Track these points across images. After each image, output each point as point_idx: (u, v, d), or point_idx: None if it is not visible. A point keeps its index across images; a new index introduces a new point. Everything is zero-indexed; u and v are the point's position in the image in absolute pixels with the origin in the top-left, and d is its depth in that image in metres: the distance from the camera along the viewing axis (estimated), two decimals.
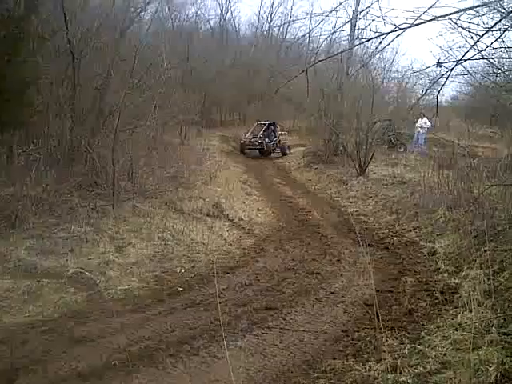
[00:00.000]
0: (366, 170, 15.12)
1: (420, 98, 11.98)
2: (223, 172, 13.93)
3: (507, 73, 8.51)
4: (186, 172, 11.62)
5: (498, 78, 9.49)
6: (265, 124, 21.59)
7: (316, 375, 4.21)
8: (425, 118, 18.41)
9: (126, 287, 6.14)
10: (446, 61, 4.92)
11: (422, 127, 18.45)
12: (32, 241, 6.82)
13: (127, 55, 11.06)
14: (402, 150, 18.05)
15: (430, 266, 7.43)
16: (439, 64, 4.65)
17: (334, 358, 4.55)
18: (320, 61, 5.24)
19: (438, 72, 4.81)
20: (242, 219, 10.16)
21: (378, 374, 4.01)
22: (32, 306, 5.35)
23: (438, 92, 5.21)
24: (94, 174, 9.23)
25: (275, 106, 25.69)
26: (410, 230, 9.65)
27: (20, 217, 7.32)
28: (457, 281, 6.41)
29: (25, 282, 5.76)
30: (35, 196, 7.93)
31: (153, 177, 10.48)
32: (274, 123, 21.92)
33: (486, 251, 6.68)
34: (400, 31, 3.91)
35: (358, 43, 11.24)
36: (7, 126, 8.35)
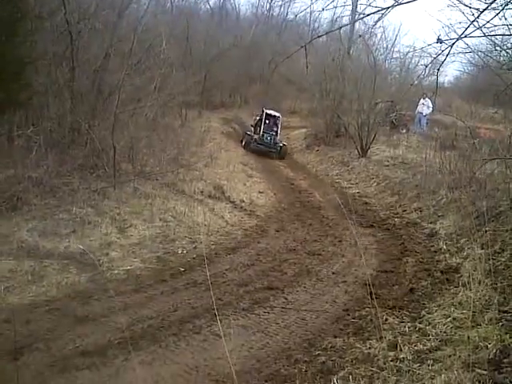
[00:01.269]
0: (368, 152, 15.09)
1: (420, 74, 11.90)
2: (224, 154, 13.91)
3: (509, 51, 8.41)
4: (186, 154, 11.59)
5: (502, 58, 9.40)
6: (274, 116, 18.26)
7: (317, 353, 4.26)
8: (427, 99, 18.29)
9: (129, 268, 6.17)
10: (447, 38, 4.87)
11: (424, 109, 18.33)
12: (34, 222, 6.83)
13: (126, 36, 10.93)
14: (404, 131, 17.97)
15: (432, 246, 7.47)
16: (439, 40, 4.61)
17: (335, 337, 4.60)
18: (319, 36, 5.22)
19: (438, 49, 4.76)
20: (243, 201, 10.17)
21: (379, 351, 4.05)
22: (35, 286, 5.37)
23: (438, 69, 5.17)
24: (95, 155, 9.19)
25: (276, 87, 25.47)
26: (412, 211, 9.67)
27: (21, 198, 7.31)
28: (458, 261, 6.44)
29: (28, 263, 5.78)
30: (36, 178, 7.90)
31: (153, 158, 10.45)
32: (279, 116, 18.56)
33: (486, 231, 6.70)
34: (400, 5, 3.87)
35: (358, 18, 11.11)
36: (6, 107, 8.29)
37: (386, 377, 3.56)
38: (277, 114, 18.35)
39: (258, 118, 18.37)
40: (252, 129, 18.28)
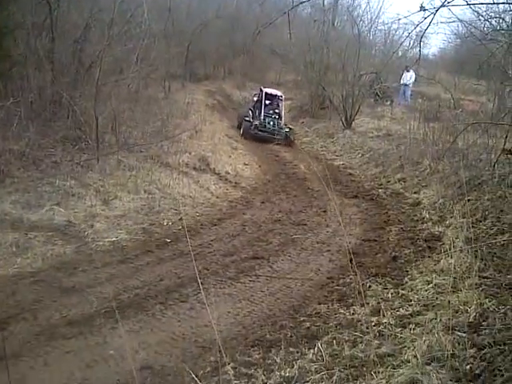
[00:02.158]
0: (353, 124, 15.12)
1: (403, 42, 11.85)
2: (208, 126, 13.79)
3: (492, 20, 8.42)
4: (170, 126, 11.47)
5: (485, 28, 9.40)
6: (275, 96, 15.80)
7: (302, 319, 4.34)
8: (411, 71, 18.28)
9: (114, 239, 6.16)
10: (431, 6, 4.86)
11: (407, 80, 18.35)
12: (17, 195, 6.75)
13: (106, 6, 10.66)
14: (388, 103, 17.99)
15: (415, 215, 7.58)
16: (422, 8, 4.61)
17: (320, 303, 4.68)
18: (302, 2, 5.15)
19: (422, 18, 4.76)
20: (228, 173, 10.15)
21: (362, 316, 4.14)
22: (20, 258, 5.34)
23: (422, 37, 5.18)
24: (77, 128, 9.05)
25: (260, 58, 25.20)
26: (396, 182, 9.78)
27: (4, 171, 7.20)
28: (440, 229, 6.56)
29: (12, 235, 5.73)
30: (18, 150, 7.78)
31: (137, 131, 10.33)
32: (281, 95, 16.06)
33: (468, 201, 6.82)
34: None
35: None
36: None
37: (369, 341, 3.64)
38: (278, 93, 15.94)
39: (256, 98, 15.98)
40: (250, 113, 15.35)
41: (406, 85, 18.52)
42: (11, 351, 3.60)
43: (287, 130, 14.76)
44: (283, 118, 15.40)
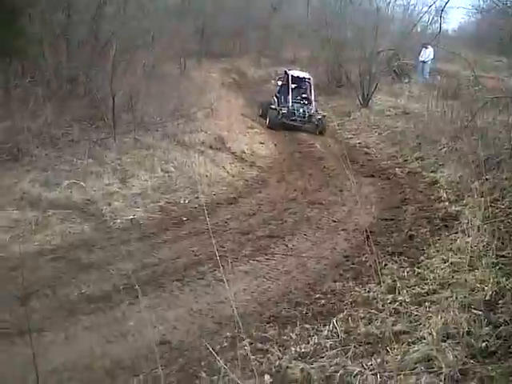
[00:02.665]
0: (370, 102, 14.92)
1: (423, 16, 11.58)
2: (224, 104, 13.71)
3: None
4: (186, 104, 11.44)
5: (508, 1, 9.14)
6: (303, 79, 13.94)
7: (317, 296, 4.37)
8: (429, 48, 17.92)
9: (132, 217, 6.24)
10: None
11: (425, 57, 18.00)
12: (36, 173, 6.84)
13: None
14: (406, 80, 17.70)
15: (432, 195, 7.51)
16: None
17: (335, 281, 4.71)
18: None
19: None
20: (244, 152, 10.14)
21: (378, 294, 4.15)
22: (40, 235, 5.45)
23: (442, 9, 5.04)
24: (94, 106, 9.10)
25: (276, 35, 24.84)
26: (413, 161, 9.68)
27: (22, 150, 7.29)
28: (457, 208, 6.49)
29: (31, 213, 5.84)
30: (35, 129, 7.86)
31: (153, 109, 10.33)
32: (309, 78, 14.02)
33: (487, 180, 6.73)
34: None
35: None
36: (0, 56, 8.13)
37: (384, 318, 3.66)
38: (306, 76, 14.07)
39: (280, 83, 14.31)
40: (275, 100, 13.72)
41: (424, 62, 18.17)
42: (33, 326, 3.68)
43: (319, 117, 12.92)
44: (314, 104, 13.40)
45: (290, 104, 13.04)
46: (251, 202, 7.38)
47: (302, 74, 14.19)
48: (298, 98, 13.46)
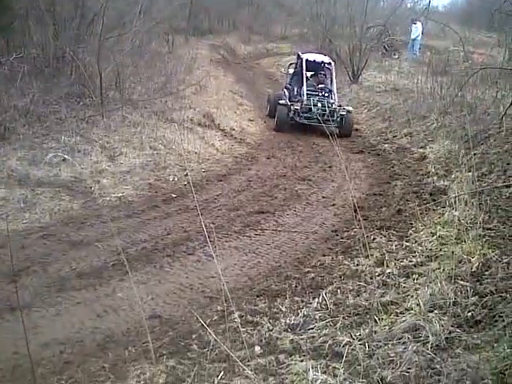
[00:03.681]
0: (360, 78, 14.88)
1: None
2: (213, 82, 13.62)
3: None
4: (174, 81, 11.33)
5: None
6: (321, 64, 11.33)
7: (306, 270, 4.40)
8: (417, 23, 17.85)
9: (121, 194, 6.21)
10: None
11: (413, 33, 17.95)
12: (23, 151, 6.77)
13: None
14: (396, 56, 17.66)
15: (420, 170, 7.55)
16: None
17: (324, 255, 4.74)
18: None
19: None
20: (233, 129, 10.10)
21: (366, 267, 4.19)
22: (28, 213, 5.41)
23: None
24: (81, 83, 8.98)
25: (266, 11, 24.59)
26: (402, 137, 9.71)
27: (9, 128, 7.20)
28: (446, 183, 6.54)
29: (19, 191, 5.79)
30: (22, 107, 7.75)
31: (141, 86, 10.24)
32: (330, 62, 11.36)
33: (475, 155, 6.77)
34: None
35: None
36: None
37: (373, 290, 3.70)
38: (325, 59, 11.42)
39: (292, 70, 11.87)
40: (285, 92, 11.22)
41: (414, 39, 18.12)
42: (23, 302, 3.69)
43: (343, 112, 10.27)
44: (336, 95, 11.00)
45: (305, 97, 10.37)
46: (241, 178, 7.38)
47: (319, 58, 11.42)
48: (316, 88, 10.81)
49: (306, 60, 11.02)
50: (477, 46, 18.33)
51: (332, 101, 10.57)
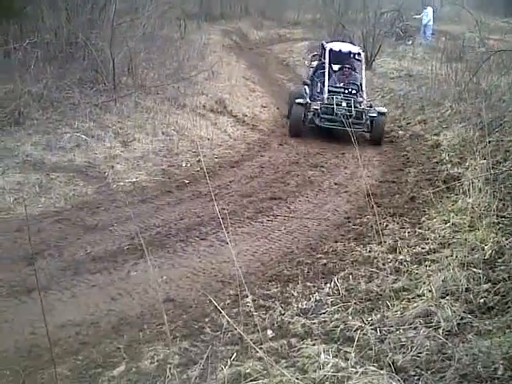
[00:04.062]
0: (373, 64, 14.72)
1: None
2: (225, 68, 13.55)
3: None
4: (186, 67, 11.31)
5: None
6: (349, 54, 9.72)
7: (319, 256, 4.43)
8: (428, 8, 17.60)
9: (134, 180, 6.27)
10: None
11: (424, 18, 17.70)
12: (38, 136, 6.83)
13: None
14: (410, 42, 17.44)
15: (434, 157, 7.50)
16: None
17: (336, 242, 4.76)
18: None
19: None
20: (245, 115, 10.08)
21: (378, 254, 4.20)
22: (44, 198, 5.49)
23: None
24: (94, 69, 9.00)
25: None
26: (416, 124, 9.61)
27: (23, 113, 7.25)
28: (459, 170, 6.50)
29: (35, 176, 5.87)
30: (36, 92, 7.79)
31: (153, 72, 10.22)
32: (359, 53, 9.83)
33: (490, 142, 6.69)
34: None
35: None
36: None
37: (385, 276, 3.72)
38: (353, 49, 9.84)
39: (315, 63, 10.31)
40: (305, 90, 9.62)
41: (425, 25, 17.87)
42: (40, 285, 3.76)
43: (373, 114, 8.70)
44: (365, 93, 9.40)
45: (326, 95, 8.87)
46: (253, 164, 7.39)
47: (346, 47, 9.83)
48: (341, 84, 9.25)
49: (330, 50, 9.44)
50: (493, 31, 18.00)
51: (361, 99, 8.99)
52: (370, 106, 9.08)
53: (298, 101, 8.95)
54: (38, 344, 3.12)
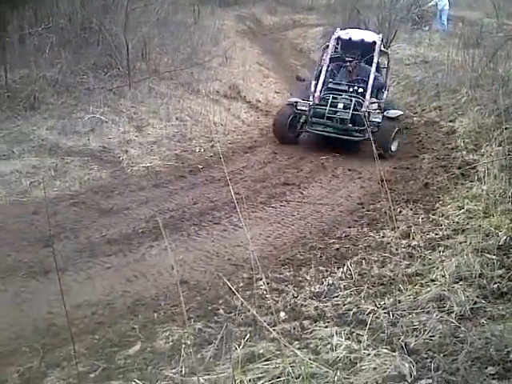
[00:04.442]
0: (388, 50, 14.54)
1: None
2: (239, 53, 13.49)
3: None
4: (200, 53, 11.29)
5: None
6: (365, 45, 8.04)
7: (332, 241, 4.44)
8: None
9: (148, 164, 6.32)
10: None
11: (440, 4, 17.37)
12: (53, 121, 6.90)
13: None
14: (426, 28, 17.16)
15: (449, 144, 7.43)
16: None
17: (349, 227, 4.77)
18: None
19: None
20: (259, 101, 10.06)
21: (392, 239, 4.19)
22: (59, 181, 5.56)
23: None
24: (108, 54, 9.04)
25: None
26: (431, 110, 9.52)
27: (38, 98, 7.33)
28: (475, 157, 6.43)
29: (50, 160, 5.94)
30: (51, 77, 7.86)
31: (167, 57, 10.24)
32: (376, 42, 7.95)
33: (506, 129, 6.61)
34: None
35: None
36: (14, 2, 8.05)
37: (398, 261, 3.72)
38: (371, 38, 8.19)
39: (329, 55, 7.96)
40: (311, 87, 7.75)
41: (441, 9, 17.57)
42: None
43: (376, 119, 7.19)
44: (386, 92, 8.17)
45: (320, 94, 7.45)
46: (267, 150, 7.40)
47: (360, 35, 8.28)
48: (345, 82, 7.75)
49: (341, 40, 8.06)
50: (511, 17, 17.69)
51: (370, 100, 7.39)
52: (379, 108, 7.52)
53: (289, 100, 7.88)
54: (55, 323, 3.19)
